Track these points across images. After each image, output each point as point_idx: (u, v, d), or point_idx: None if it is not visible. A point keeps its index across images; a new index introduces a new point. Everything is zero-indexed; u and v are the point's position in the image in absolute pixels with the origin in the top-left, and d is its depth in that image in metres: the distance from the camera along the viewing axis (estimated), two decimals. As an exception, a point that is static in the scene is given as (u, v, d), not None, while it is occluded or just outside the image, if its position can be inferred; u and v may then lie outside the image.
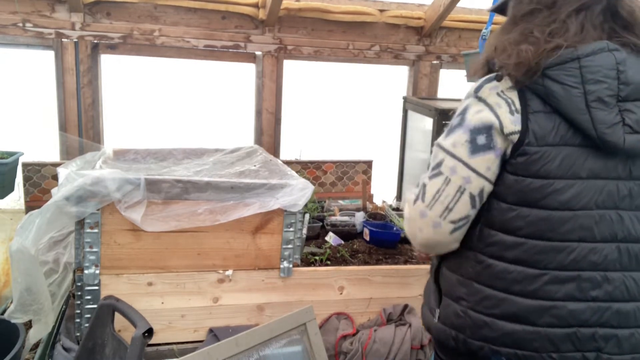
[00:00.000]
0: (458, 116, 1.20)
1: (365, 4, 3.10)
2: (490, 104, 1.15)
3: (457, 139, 1.17)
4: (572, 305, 1.14)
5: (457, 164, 1.16)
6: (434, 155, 1.22)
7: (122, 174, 1.68)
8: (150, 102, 2.98)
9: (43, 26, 2.64)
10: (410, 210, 1.23)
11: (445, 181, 1.17)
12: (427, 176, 1.21)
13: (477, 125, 1.15)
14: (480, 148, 1.15)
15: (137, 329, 1.45)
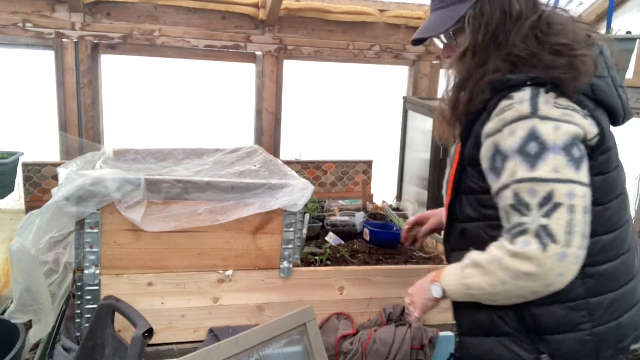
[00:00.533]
0: (530, 142, 1.10)
1: (365, 4, 3.10)
2: (559, 118, 1.11)
3: (555, 163, 1.08)
4: None
5: (573, 186, 1.08)
6: (530, 192, 1.08)
7: (122, 174, 1.68)
8: (150, 102, 2.98)
9: (43, 26, 2.64)
10: (540, 261, 1.06)
11: (569, 209, 1.07)
12: (540, 216, 1.07)
13: (567, 141, 1.10)
14: (579, 160, 1.10)
15: (137, 329, 1.45)
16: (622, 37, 2.11)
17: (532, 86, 1.13)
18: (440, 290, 1.27)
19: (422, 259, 2.28)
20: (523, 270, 1.08)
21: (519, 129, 1.11)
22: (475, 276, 1.17)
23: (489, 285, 1.15)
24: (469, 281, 1.19)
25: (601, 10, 3.11)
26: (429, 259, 2.25)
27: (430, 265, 2.09)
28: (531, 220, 1.08)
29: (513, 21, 1.20)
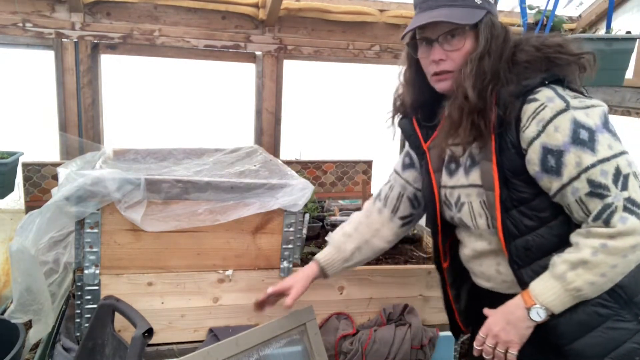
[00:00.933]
0: (578, 131, 1.15)
1: (365, 4, 3.10)
2: (580, 106, 1.18)
3: (607, 142, 1.15)
4: None
5: (626, 156, 1.16)
6: (602, 174, 1.13)
7: (122, 174, 1.68)
8: (150, 102, 2.98)
9: (43, 26, 2.64)
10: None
11: (634, 176, 1.15)
12: (617, 192, 1.12)
13: (602, 120, 1.18)
14: (616, 133, 1.19)
15: (137, 329, 1.45)
16: (622, 37, 2.10)
17: (547, 85, 1.20)
18: (543, 311, 1.20)
19: (422, 259, 2.28)
20: (630, 244, 1.11)
21: (562, 122, 1.16)
22: (581, 276, 1.15)
23: (599, 276, 1.14)
24: (577, 284, 1.16)
25: (601, 10, 3.11)
26: (429, 259, 2.25)
27: (430, 266, 2.09)
28: (615, 198, 1.12)
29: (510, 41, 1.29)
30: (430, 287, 2.06)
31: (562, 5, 2.90)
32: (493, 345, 1.26)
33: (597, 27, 3.16)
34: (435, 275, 1.79)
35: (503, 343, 1.25)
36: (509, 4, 2.97)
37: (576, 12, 3.29)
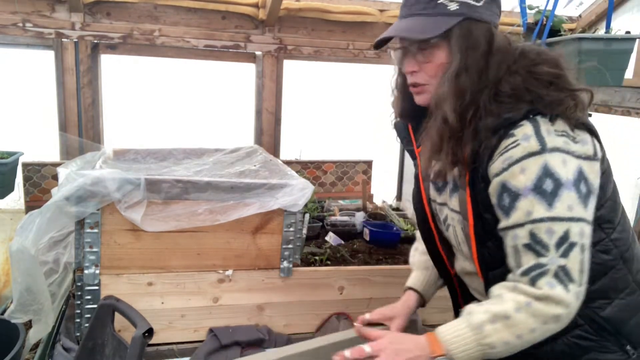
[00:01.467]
0: (544, 179, 1.06)
1: (365, 4, 3.10)
2: (563, 148, 1.08)
3: (570, 201, 1.06)
4: None
5: (583, 225, 1.07)
6: (547, 233, 1.06)
7: (122, 174, 1.68)
8: (151, 102, 2.98)
9: (43, 26, 2.64)
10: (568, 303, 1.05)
11: (581, 249, 1.06)
12: (558, 256, 1.05)
13: (576, 176, 1.08)
14: (587, 197, 1.08)
15: (137, 329, 1.45)
16: (622, 37, 2.11)
17: (531, 119, 1.10)
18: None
19: (422, 259, 2.28)
20: (554, 314, 1.05)
21: (530, 165, 1.08)
22: (499, 332, 1.07)
23: (515, 337, 1.07)
24: (492, 340, 1.07)
25: (601, 10, 3.11)
26: (429, 259, 2.25)
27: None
28: (550, 261, 1.06)
29: (495, 52, 1.17)
30: (430, 287, 2.06)
31: (562, 5, 2.90)
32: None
33: (597, 27, 3.15)
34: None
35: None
36: (509, 4, 2.96)
37: (576, 12, 3.29)
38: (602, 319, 1.17)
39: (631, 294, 1.20)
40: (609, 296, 1.18)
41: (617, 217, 1.21)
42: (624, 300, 1.19)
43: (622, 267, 1.19)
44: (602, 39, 2.09)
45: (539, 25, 2.36)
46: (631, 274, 1.21)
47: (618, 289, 1.19)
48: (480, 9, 1.18)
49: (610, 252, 1.17)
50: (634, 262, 1.22)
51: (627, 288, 1.20)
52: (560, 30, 2.43)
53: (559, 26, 2.46)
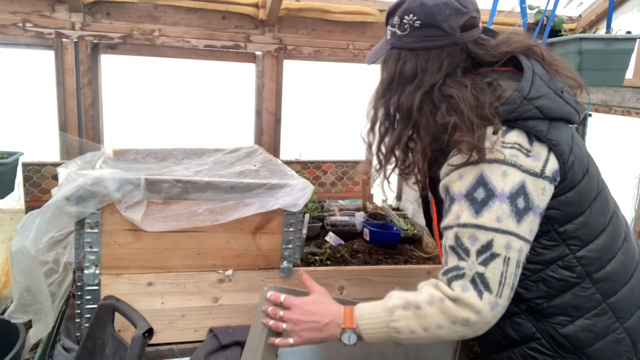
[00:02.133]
0: (477, 188, 1.10)
1: (365, 4, 3.10)
2: (507, 160, 1.10)
3: (500, 212, 1.08)
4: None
5: (511, 239, 1.08)
6: (470, 238, 1.09)
7: (122, 174, 1.68)
8: (150, 102, 2.98)
9: (43, 26, 2.63)
10: (478, 309, 1.07)
11: (505, 261, 1.08)
12: (477, 263, 1.08)
13: (513, 190, 1.08)
14: (522, 212, 1.09)
15: (137, 329, 1.45)
16: (622, 37, 2.11)
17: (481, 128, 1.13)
18: (355, 337, 1.17)
19: (422, 259, 2.28)
20: (463, 316, 1.08)
21: (467, 173, 1.12)
22: (407, 319, 1.12)
23: (422, 329, 1.11)
24: (399, 325, 1.12)
25: (601, 10, 3.11)
26: (429, 259, 2.25)
27: (430, 266, 2.09)
28: (468, 266, 1.09)
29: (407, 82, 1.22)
30: (430, 287, 2.06)
31: (562, 5, 2.90)
32: (284, 319, 1.24)
33: (597, 27, 3.16)
34: (435, 274, 1.78)
35: (292, 329, 1.21)
36: (509, 4, 2.97)
37: (576, 12, 3.29)
38: (561, 335, 1.18)
39: (600, 315, 1.19)
40: (570, 314, 1.18)
41: (590, 236, 1.19)
42: (590, 321, 1.18)
43: (589, 286, 1.18)
44: (603, 39, 2.09)
45: (540, 25, 2.36)
46: (603, 295, 1.19)
47: (583, 307, 1.18)
48: (405, 38, 1.22)
49: (574, 269, 1.17)
50: (608, 284, 1.20)
51: (595, 309, 1.19)
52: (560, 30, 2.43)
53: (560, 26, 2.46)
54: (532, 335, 1.19)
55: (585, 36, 2.10)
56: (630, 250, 1.27)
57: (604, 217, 1.22)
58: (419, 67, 1.20)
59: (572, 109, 1.21)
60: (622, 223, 1.28)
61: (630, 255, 1.26)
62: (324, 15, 3.02)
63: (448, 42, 1.19)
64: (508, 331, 1.23)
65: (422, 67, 1.20)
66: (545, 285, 1.18)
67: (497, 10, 2.36)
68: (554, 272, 1.17)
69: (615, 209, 1.28)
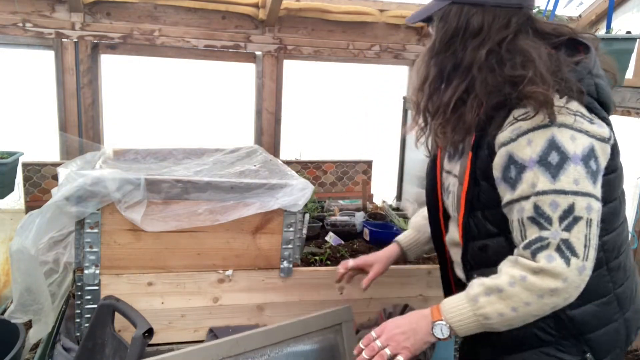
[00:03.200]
0: (549, 152, 1.07)
1: (365, 4, 3.10)
2: (573, 125, 1.08)
3: (576, 175, 1.06)
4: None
5: (590, 200, 1.06)
6: (552, 206, 1.06)
7: (122, 174, 1.68)
8: (150, 102, 2.98)
9: (43, 26, 2.64)
10: (566, 276, 1.05)
11: (587, 224, 1.06)
12: (561, 230, 1.05)
13: (584, 152, 1.07)
14: (596, 174, 1.08)
15: (137, 329, 1.45)
16: (622, 37, 2.10)
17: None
18: (447, 329, 1.15)
19: (422, 258, 2.28)
20: (549, 287, 1.06)
21: (537, 138, 1.08)
22: (493, 303, 1.11)
23: (510, 310, 1.09)
24: (486, 310, 1.11)
25: (601, 10, 3.11)
26: (429, 259, 2.25)
27: (430, 266, 2.09)
28: (552, 234, 1.06)
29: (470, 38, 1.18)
30: (430, 287, 2.06)
31: (562, 5, 2.90)
32: (382, 346, 1.19)
33: (597, 27, 3.16)
34: (435, 274, 1.78)
35: (395, 347, 1.18)
36: (509, 4, 2.96)
37: (576, 12, 3.29)
38: (567, 317, 1.17)
39: (608, 304, 1.19)
40: (580, 297, 1.14)
41: (615, 223, 1.20)
42: (598, 308, 1.18)
43: (605, 273, 1.18)
44: (603, 39, 2.09)
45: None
46: (614, 284, 1.20)
47: (594, 293, 1.17)
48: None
49: (597, 253, 1.14)
50: (619, 273, 1.21)
51: (604, 297, 1.19)
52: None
53: (559, 26, 2.45)
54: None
55: (585, 36, 2.10)
56: (628, 252, 1.30)
57: (624, 208, 1.24)
58: (485, 23, 1.16)
59: (613, 103, 1.22)
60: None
61: (630, 256, 1.30)
62: (324, 15, 3.02)
63: (517, 2, 1.18)
64: None
65: (489, 22, 1.16)
66: None
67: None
68: None
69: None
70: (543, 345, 1.20)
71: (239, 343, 1.49)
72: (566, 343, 1.19)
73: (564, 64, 1.13)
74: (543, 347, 1.20)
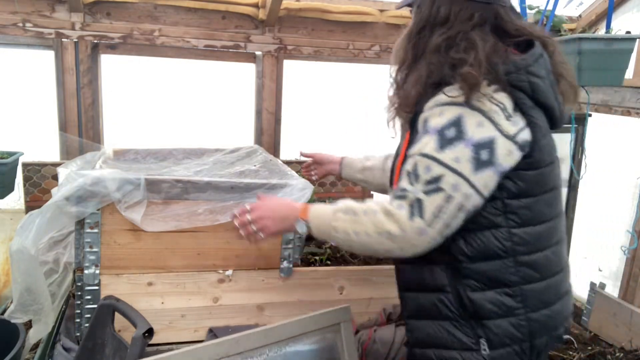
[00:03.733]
0: (450, 127, 1.17)
1: (365, 4, 3.10)
2: (488, 114, 1.17)
3: (459, 154, 1.15)
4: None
5: (460, 181, 1.15)
6: (425, 168, 1.17)
7: (122, 174, 1.68)
8: (150, 102, 2.98)
9: (43, 26, 2.63)
10: (403, 225, 1.17)
11: (446, 199, 1.15)
12: (421, 191, 1.17)
13: (482, 140, 1.15)
14: (483, 164, 1.15)
15: (137, 329, 1.45)
16: (622, 37, 2.10)
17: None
18: (306, 228, 1.32)
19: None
20: (388, 230, 1.18)
21: (448, 112, 1.18)
22: (345, 222, 1.25)
23: (353, 232, 1.23)
24: (337, 224, 1.26)
25: (601, 10, 3.11)
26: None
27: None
28: (413, 190, 1.18)
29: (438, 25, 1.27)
30: (430, 287, 2.06)
31: (562, 5, 2.90)
32: (251, 221, 1.39)
33: (597, 27, 3.15)
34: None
35: (260, 227, 1.38)
36: (509, 4, 2.96)
37: (576, 12, 3.29)
38: (468, 298, 1.24)
39: (511, 296, 1.24)
40: (483, 282, 1.23)
41: (531, 220, 1.24)
42: (499, 297, 1.24)
43: (510, 264, 1.23)
44: (603, 39, 2.09)
45: (539, 25, 2.35)
46: (521, 279, 1.24)
47: (498, 282, 1.23)
48: None
49: (502, 242, 1.22)
50: (530, 271, 1.25)
51: (508, 287, 1.24)
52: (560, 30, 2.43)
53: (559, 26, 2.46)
54: (443, 287, 1.26)
55: (585, 36, 2.10)
56: (559, 254, 1.33)
57: (550, 211, 1.28)
58: (452, 13, 1.26)
59: (557, 107, 1.28)
60: (562, 227, 1.35)
61: (558, 259, 1.32)
62: (324, 15, 3.02)
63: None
64: (425, 275, 1.30)
65: (455, 13, 1.25)
66: (474, 248, 1.23)
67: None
68: (486, 238, 1.22)
69: (561, 212, 1.35)
70: (442, 319, 1.28)
71: (238, 342, 1.49)
72: (464, 323, 1.26)
73: (502, 57, 1.21)
74: (442, 320, 1.28)
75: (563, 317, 1.33)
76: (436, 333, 1.28)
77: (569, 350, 2.40)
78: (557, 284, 1.31)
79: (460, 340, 1.26)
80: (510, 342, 1.24)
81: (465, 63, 1.18)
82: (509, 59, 1.21)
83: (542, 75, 1.23)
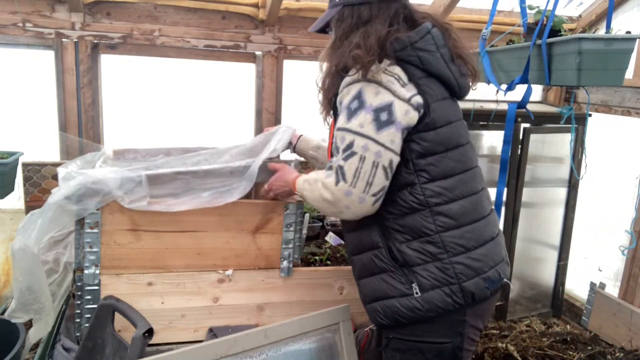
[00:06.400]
0: (354, 100, 1.37)
1: (365, 4, 3.10)
2: (383, 83, 1.37)
3: (362, 120, 1.35)
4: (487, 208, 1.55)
5: (368, 142, 1.35)
6: (341, 139, 1.38)
7: (123, 172, 1.69)
8: (151, 102, 2.98)
9: (43, 26, 2.63)
10: (333, 191, 1.38)
11: (360, 159, 1.35)
12: (341, 158, 1.37)
13: (380, 105, 1.35)
14: (384, 124, 1.35)
15: (138, 329, 1.45)
16: (622, 37, 2.10)
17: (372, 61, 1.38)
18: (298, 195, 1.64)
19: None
20: (324, 197, 1.41)
21: (352, 89, 1.39)
22: (306, 190, 1.53)
23: (310, 200, 1.50)
24: (304, 193, 1.55)
25: (601, 10, 3.11)
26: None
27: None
28: (336, 160, 1.39)
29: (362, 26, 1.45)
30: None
31: (562, 5, 2.90)
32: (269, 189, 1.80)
33: (597, 27, 3.15)
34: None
35: (274, 190, 1.79)
36: (509, 4, 2.96)
37: (576, 12, 3.29)
38: (397, 250, 1.43)
39: (432, 243, 1.41)
40: (408, 234, 1.42)
41: (439, 174, 1.42)
42: (422, 245, 1.41)
43: (427, 215, 1.41)
44: (603, 39, 2.08)
45: (539, 25, 2.35)
46: (439, 227, 1.41)
47: (419, 232, 1.41)
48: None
49: (417, 196, 1.41)
50: (446, 219, 1.42)
51: (428, 236, 1.41)
52: (560, 30, 2.43)
53: (559, 26, 2.45)
54: (377, 244, 1.46)
55: (585, 36, 2.10)
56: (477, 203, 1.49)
57: (459, 165, 1.46)
58: (373, 14, 1.45)
59: (453, 77, 1.47)
60: (478, 179, 1.53)
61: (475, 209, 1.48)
62: (324, 15, 3.02)
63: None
64: (363, 237, 1.50)
65: (376, 14, 1.45)
66: (395, 206, 1.42)
67: (497, 10, 2.35)
68: (404, 195, 1.41)
69: (476, 168, 1.53)
70: (380, 272, 1.47)
71: (237, 342, 1.49)
72: (398, 272, 1.44)
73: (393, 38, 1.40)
74: (380, 273, 1.47)
75: (492, 261, 1.47)
76: (378, 285, 1.47)
77: (569, 350, 2.40)
78: (478, 230, 1.46)
79: (396, 287, 1.43)
80: (439, 285, 1.40)
81: (358, 47, 1.39)
82: (399, 39, 1.40)
83: (430, 49, 1.42)
